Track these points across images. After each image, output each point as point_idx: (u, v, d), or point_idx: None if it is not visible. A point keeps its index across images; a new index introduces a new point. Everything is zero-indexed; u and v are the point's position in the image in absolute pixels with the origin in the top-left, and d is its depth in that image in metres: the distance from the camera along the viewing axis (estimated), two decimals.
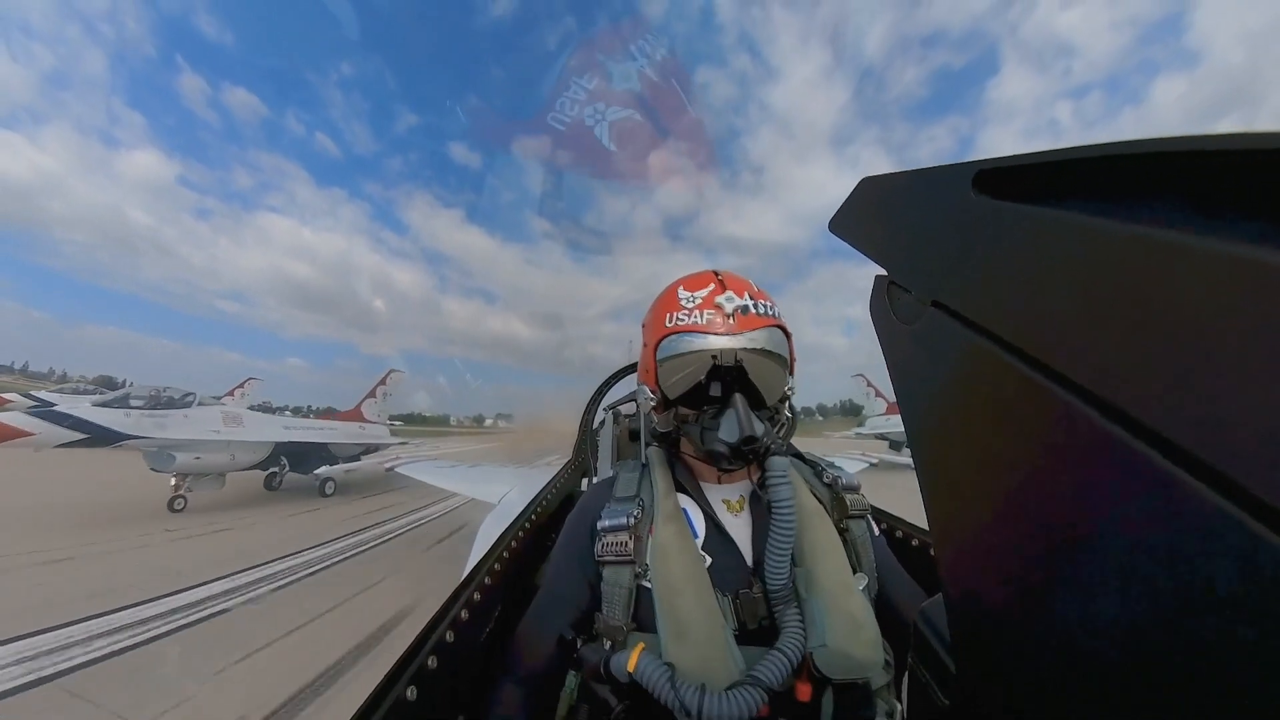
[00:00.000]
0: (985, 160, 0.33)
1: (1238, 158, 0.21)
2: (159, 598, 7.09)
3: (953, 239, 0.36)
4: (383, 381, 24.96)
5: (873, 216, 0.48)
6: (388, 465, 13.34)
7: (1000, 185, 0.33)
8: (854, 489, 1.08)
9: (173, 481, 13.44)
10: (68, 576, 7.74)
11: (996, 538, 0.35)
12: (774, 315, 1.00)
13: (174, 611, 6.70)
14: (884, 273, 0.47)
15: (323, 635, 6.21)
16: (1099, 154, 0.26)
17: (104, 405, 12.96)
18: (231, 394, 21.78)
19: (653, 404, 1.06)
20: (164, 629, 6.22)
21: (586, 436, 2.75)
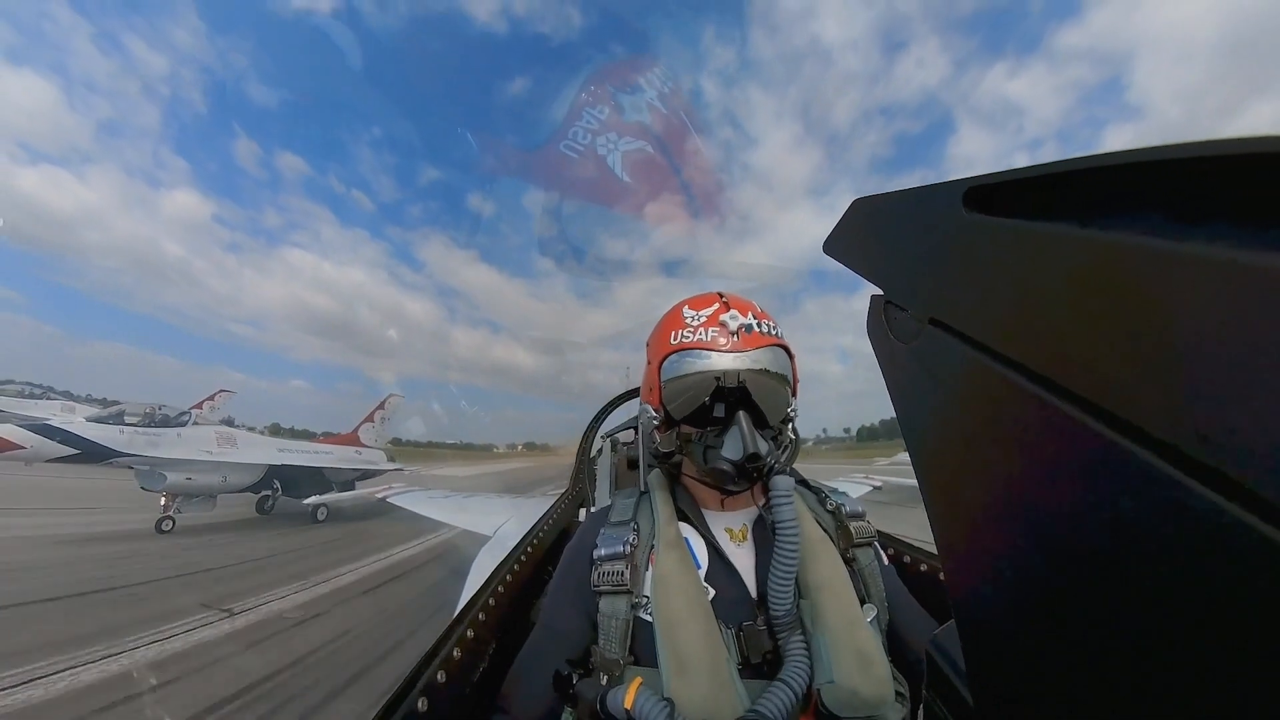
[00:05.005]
0: (974, 177, 0.33)
1: (1223, 163, 0.21)
2: None
3: (947, 256, 0.36)
4: (381, 406, 24.89)
5: (866, 237, 0.48)
6: (379, 495, 12.53)
7: (990, 201, 0.33)
8: (859, 515, 1.05)
9: (162, 501, 13.28)
10: None
11: (1009, 558, 0.33)
12: (777, 335, 1.00)
13: None
14: (880, 293, 0.46)
15: None
16: (1085, 166, 0.26)
17: (98, 421, 12.95)
18: (199, 406, 20.66)
19: (656, 423, 1.05)
20: None
21: (584, 465, 2.68)
